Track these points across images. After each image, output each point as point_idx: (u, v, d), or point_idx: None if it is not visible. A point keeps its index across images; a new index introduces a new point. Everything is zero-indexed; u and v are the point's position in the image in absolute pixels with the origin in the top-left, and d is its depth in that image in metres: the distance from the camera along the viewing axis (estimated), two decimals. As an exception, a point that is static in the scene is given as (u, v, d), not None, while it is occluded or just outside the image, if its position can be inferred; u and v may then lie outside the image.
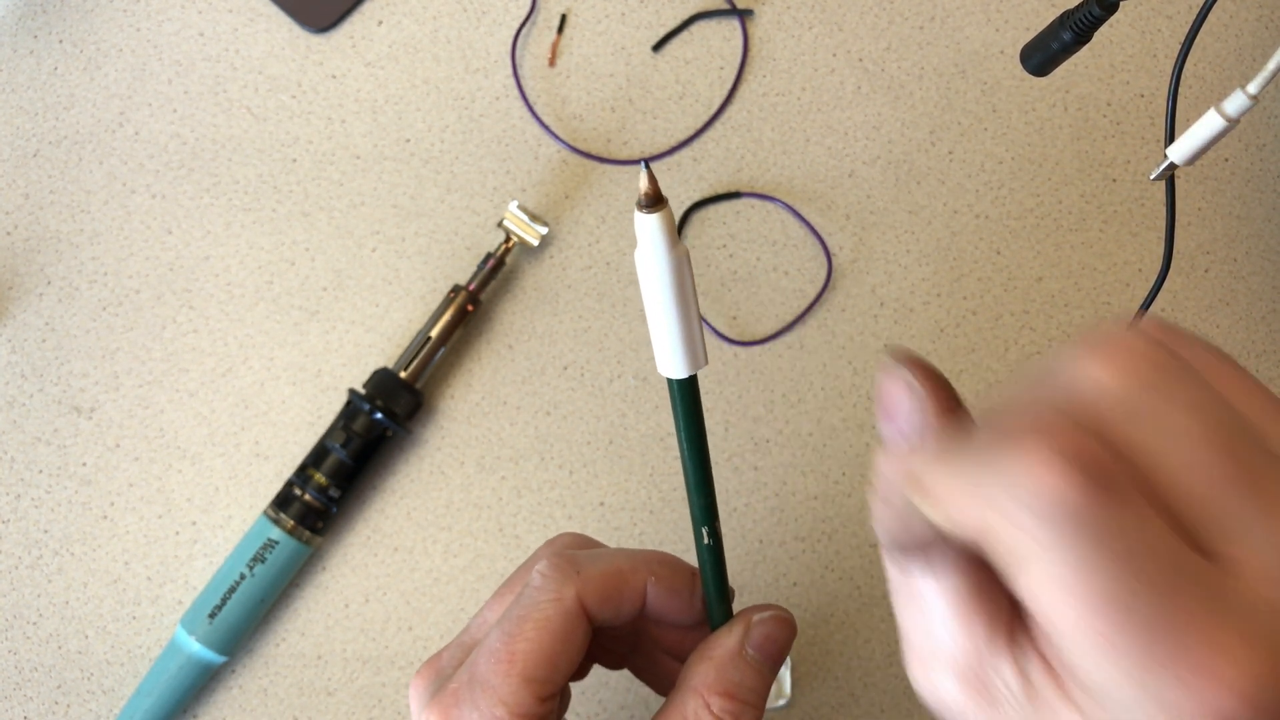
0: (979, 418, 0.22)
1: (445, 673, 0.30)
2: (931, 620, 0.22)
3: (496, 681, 0.28)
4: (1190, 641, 0.17)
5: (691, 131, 0.51)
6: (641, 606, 0.31)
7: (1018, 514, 0.18)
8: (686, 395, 0.27)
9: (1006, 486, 0.18)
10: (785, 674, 0.46)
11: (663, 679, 0.34)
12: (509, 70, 0.51)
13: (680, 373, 0.27)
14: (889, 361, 0.23)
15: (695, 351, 0.26)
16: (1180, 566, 0.18)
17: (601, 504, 0.47)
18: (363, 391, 0.45)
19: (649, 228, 0.25)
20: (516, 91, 0.51)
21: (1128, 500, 0.18)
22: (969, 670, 0.21)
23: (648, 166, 0.24)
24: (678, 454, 0.29)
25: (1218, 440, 0.19)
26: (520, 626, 0.28)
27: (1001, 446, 0.18)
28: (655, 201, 0.24)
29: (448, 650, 0.31)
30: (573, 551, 0.31)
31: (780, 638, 0.30)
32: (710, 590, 0.31)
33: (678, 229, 0.49)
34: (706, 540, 0.30)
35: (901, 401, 0.22)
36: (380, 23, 0.51)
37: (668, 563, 0.31)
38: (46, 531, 0.46)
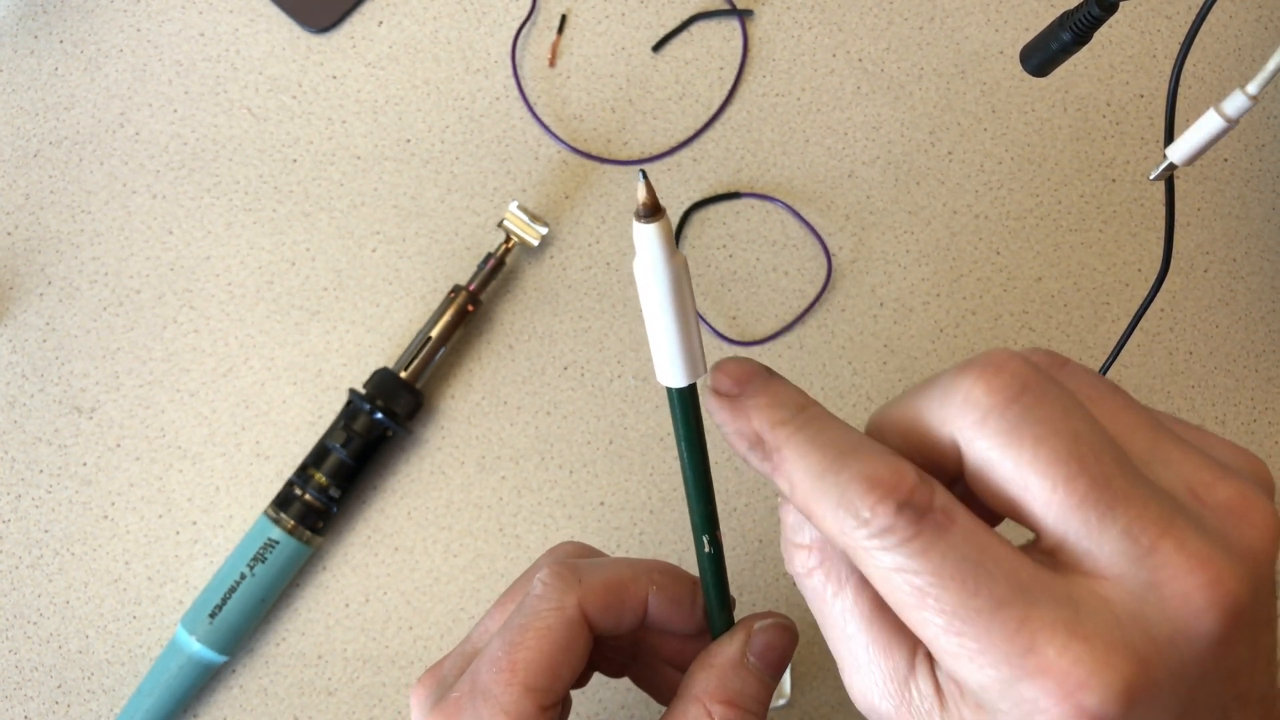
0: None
1: (447, 681, 0.30)
2: (855, 647, 0.24)
3: (498, 690, 0.28)
4: (1042, 646, 0.19)
5: (691, 132, 0.51)
6: (643, 616, 0.31)
7: (855, 537, 0.21)
8: (686, 404, 0.27)
9: (842, 507, 0.21)
10: (785, 674, 0.46)
11: (663, 688, 0.34)
12: (509, 71, 0.51)
13: (679, 381, 0.27)
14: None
15: (694, 360, 0.26)
16: (1023, 578, 0.20)
17: (601, 504, 0.47)
18: (363, 391, 0.45)
19: (647, 238, 0.24)
20: (517, 92, 0.51)
21: (949, 523, 0.20)
22: (896, 689, 0.23)
23: (645, 176, 0.24)
24: (677, 455, 0.29)
25: (1073, 456, 0.20)
26: (522, 635, 0.28)
27: (843, 467, 0.21)
28: (653, 211, 0.24)
29: (449, 659, 0.31)
30: (575, 561, 0.31)
31: (781, 645, 0.30)
32: (711, 598, 0.31)
33: (677, 230, 0.49)
34: (707, 549, 0.29)
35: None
36: (380, 23, 0.51)
37: (669, 572, 0.31)
38: (47, 531, 0.46)
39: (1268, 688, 0.22)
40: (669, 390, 0.27)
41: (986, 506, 0.22)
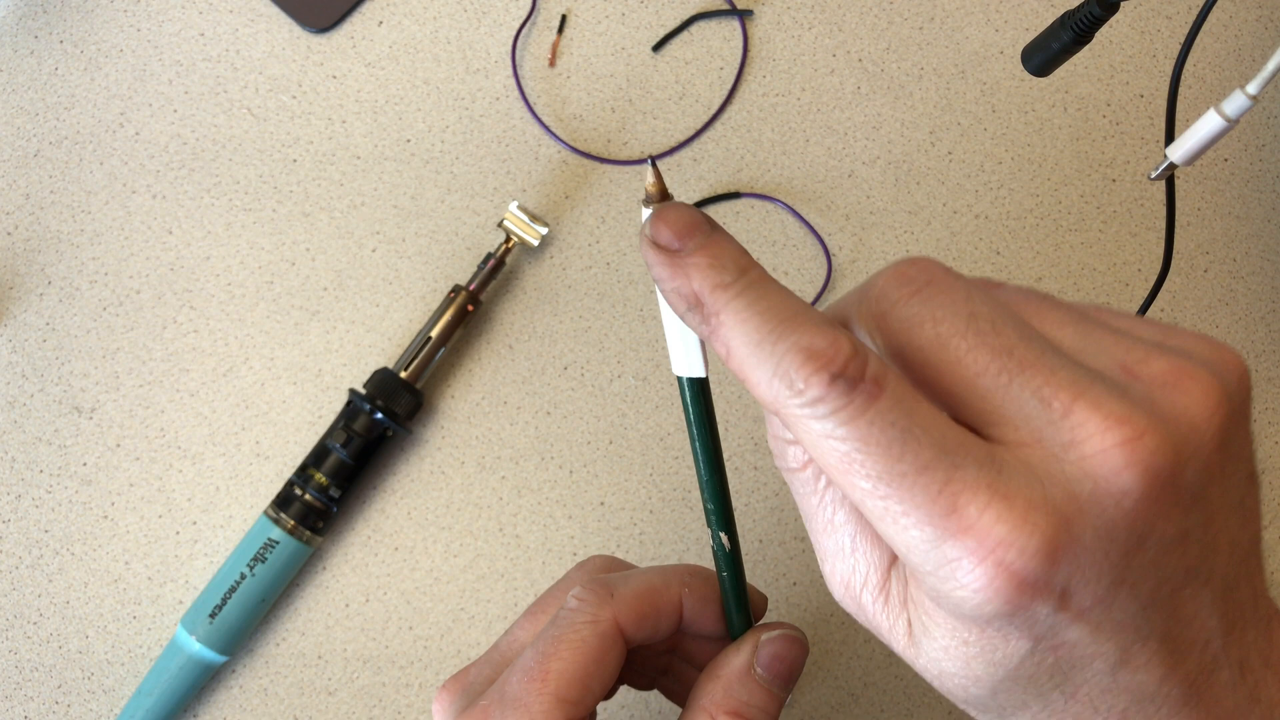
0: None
1: (473, 689, 0.30)
2: (843, 536, 0.25)
3: (529, 700, 0.28)
4: (964, 506, 0.20)
5: (691, 132, 0.51)
6: (679, 621, 0.31)
7: (788, 405, 0.21)
8: (699, 395, 0.27)
9: (778, 377, 0.21)
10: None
11: None
12: (509, 71, 0.51)
13: (694, 371, 0.26)
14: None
15: (708, 349, 0.26)
16: (948, 443, 0.20)
17: (601, 504, 0.47)
18: (363, 391, 0.45)
19: None
20: (517, 92, 0.51)
21: (879, 392, 0.21)
22: (879, 577, 0.24)
23: (654, 163, 0.24)
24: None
25: (981, 332, 0.21)
26: (555, 647, 0.28)
27: (781, 336, 0.21)
28: (663, 198, 0.24)
29: (475, 666, 0.31)
30: (607, 575, 0.31)
31: (789, 657, 0.30)
32: (729, 599, 0.31)
33: (678, 229, 0.49)
34: (727, 546, 0.29)
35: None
36: (381, 23, 0.51)
37: (699, 574, 0.31)
38: (47, 531, 0.46)
39: (1234, 573, 0.22)
40: (681, 382, 0.27)
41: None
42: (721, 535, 0.29)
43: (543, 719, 0.27)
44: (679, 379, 0.27)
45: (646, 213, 0.24)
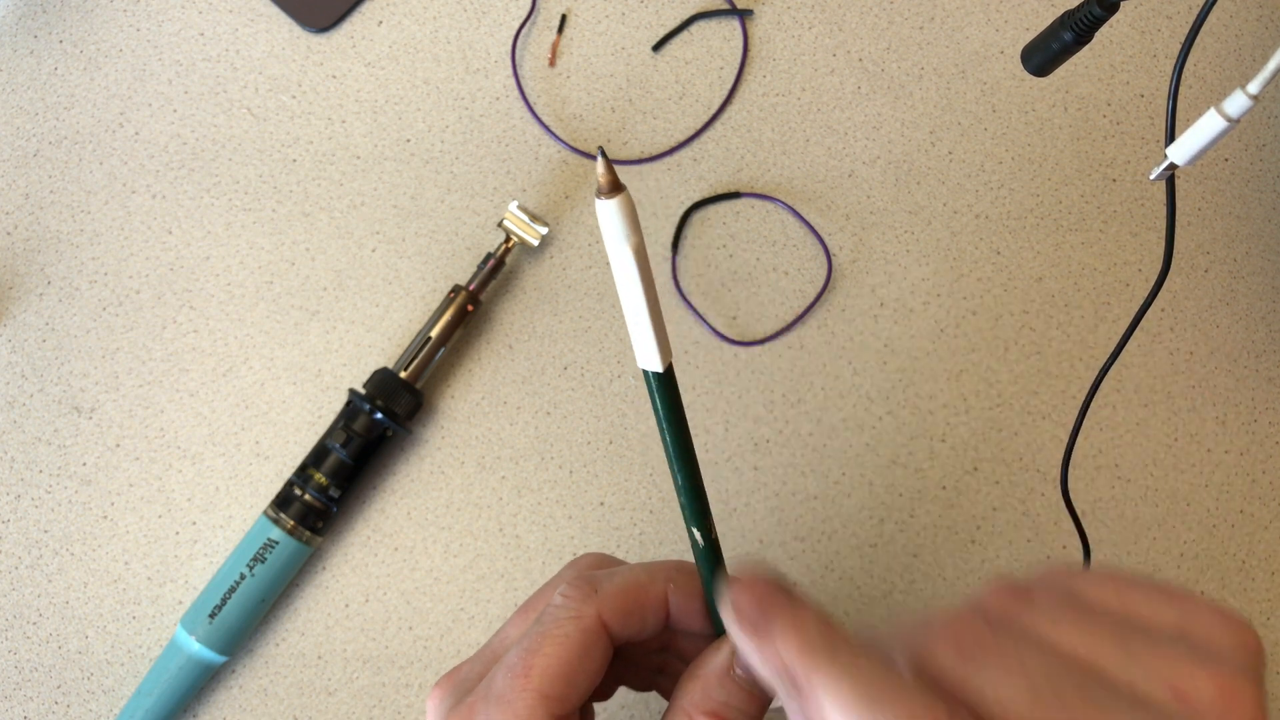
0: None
1: (463, 686, 0.30)
2: None
3: (512, 696, 0.28)
4: None
5: (691, 131, 0.51)
6: (665, 617, 0.30)
7: None
8: (665, 388, 0.27)
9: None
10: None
11: None
12: (509, 70, 0.51)
13: (659, 364, 0.26)
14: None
15: (665, 342, 0.26)
16: None
17: (601, 504, 0.47)
18: (363, 391, 0.45)
19: (610, 214, 0.24)
20: (517, 92, 0.51)
21: None
22: None
23: (603, 154, 0.24)
24: (684, 518, 0.29)
25: (1046, 703, 0.23)
26: (539, 643, 0.28)
27: (880, 710, 0.23)
28: (614, 189, 0.24)
29: (467, 664, 0.31)
30: (593, 572, 0.31)
31: None
32: (710, 596, 0.30)
33: (677, 230, 0.49)
34: (700, 542, 0.29)
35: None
36: (380, 23, 0.51)
37: (686, 569, 0.31)
38: (47, 531, 0.46)
39: None
40: (647, 375, 0.27)
41: None
42: (695, 531, 0.29)
43: (526, 714, 0.27)
44: (645, 373, 0.27)
45: (602, 205, 0.24)
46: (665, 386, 0.27)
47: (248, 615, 0.44)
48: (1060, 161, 0.52)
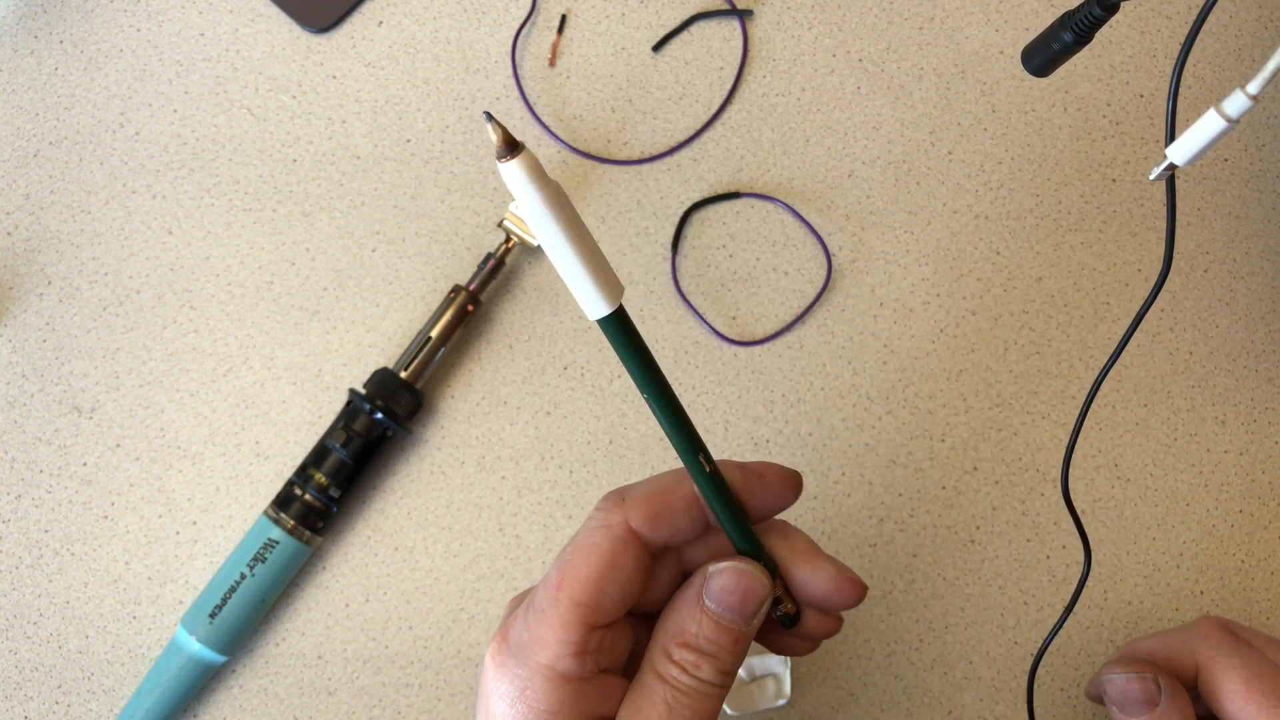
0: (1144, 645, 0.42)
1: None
2: None
3: (547, 607, 0.28)
4: None
5: (691, 131, 0.51)
6: (700, 518, 0.30)
7: (1205, 653, 0.40)
8: (620, 329, 0.26)
9: (1201, 644, 0.40)
10: (785, 674, 0.46)
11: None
12: (509, 71, 0.51)
13: (605, 309, 0.26)
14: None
15: (612, 284, 0.26)
16: None
17: (602, 504, 0.47)
18: (363, 391, 0.45)
19: (514, 173, 0.24)
20: (517, 92, 0.51)
21: (1256, 652, 0.39)
22: None
23: (491, 117, 0.24)
24: (677, 454, 0.29)
25: (1271, 691, 0.38)
26: (572, 555, 0.29)
27: (1182, 637, 0.41)
28: (511, 148, 0.24)
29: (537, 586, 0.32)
30: (624, 485, 0.31)
31: (740, 588, 0.29)
32: (724, 521, 0.30)
33: (676, 230, 0.49)
34: (706, 468, 0.29)
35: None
36: (381, 23, 0.51)
37: (723, 468, 0.31)
38: (47, 531, 0.46)
39: None
40: (601, 323, 0.26)
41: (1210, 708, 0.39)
42: (700, 459, 0.29)
43: (559, 622, 0.28)
44: (598, 323, 0.26)
45: (502, 166, 0.24)
46: (620, 327, 0.26)
47: (248, 615, 0.44)
48: (1060, 162, 0.52)
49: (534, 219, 0.25)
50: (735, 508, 0.30)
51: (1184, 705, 0.39)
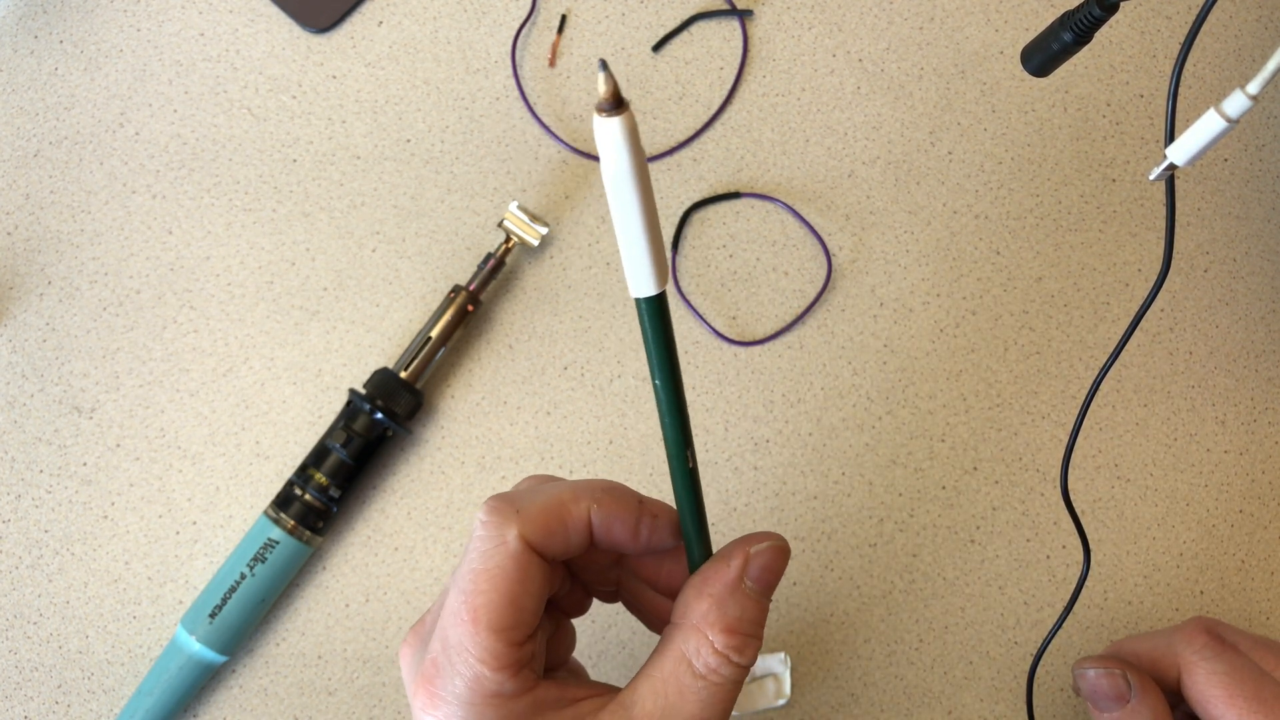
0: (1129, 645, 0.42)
1: (426, 640, 0.30)
2: None
3: (468, 642, 0.27)
4: None
5: (691, 131, 0.51)
6: (589, 536, 0.30)
7: (1188, 658, 0.39)
8: (657, 314, 0.26)
9: (1184, 649, 0.40)
10: (785, 674, 0.46)
11: (649, 614, 0.34)
12: (509, 71, 0.51)
13: (653, 289, 0.25)
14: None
15: (664, 267, 0.25)
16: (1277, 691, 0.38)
17: (602, 504, 0.47)
18: (363, 391, 0.45)
19: (612, 132, 0.23)
20: (517, 92, 0.51)
21: (1242, 658, 0.39)
22: None
23: (605, 66, 0.22)
24: (666, 444, 0.29)
25: (1248, 695, 0.37)
26: (475, 582, 0.28)
27: (1168, 640, 0.41)
28: (616, 104, 0.23)
29: (430, 614, 0.31)
30: (512, 491, 0.30)
31: (778, 567, 0.30)
32: (688, 521, 0.30)
33: (676, 230, 0.49)
34: (690, 464, 0.29)
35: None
36: (381, 23, 0.51)
37: (611, 490, 0.31)
38: (47, 531, 0.46)
39: None
40: (639, 302, 0.26)
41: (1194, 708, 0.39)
42: (686, 454, 0.29)
43: (485, 654, 0.27)
44: (636, 300, 0.26)
45: (599, 120, 0.23)
46: (659, 309, 0.26)
47: (248, 615, 0.44)
48: (1060, 162, 0.52)
49: (617, 182, 0.24)
50: (702, 510, 0.30)
51: (1156, 704, 0.39)
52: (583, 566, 0.33)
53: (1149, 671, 0.40)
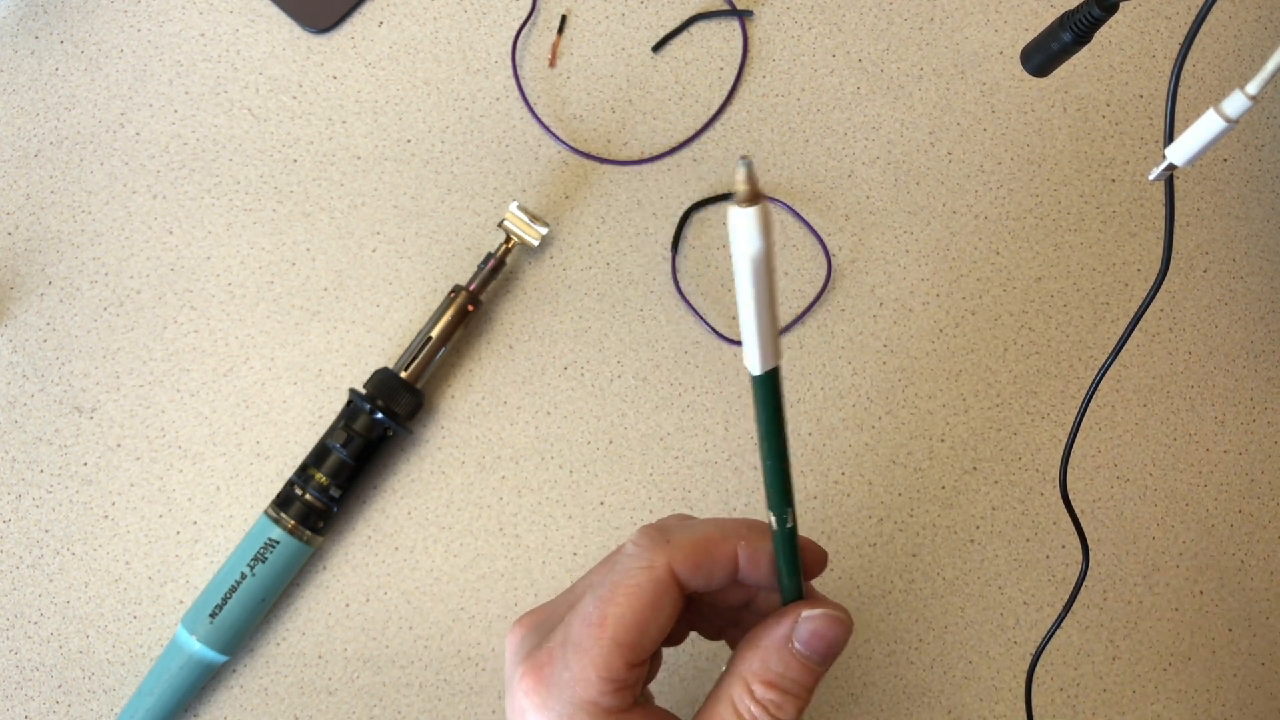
0: None
1: (543, 628, 0.31)
2: None
3: (589, 644, 0.29)
4: None
5: (691, 132, 0.51)
6: (734, 572, 0.31)
7: None
8: (770, 388, 0.28)
9: None
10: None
11: None
12: (509, 71, 0.51)
13: (770, 365, 0.27)
14: None
15: (778, 345, 0.27)
16: None
17: (601, 504, 0.47)
18: (363, 391, 0.46)
19: (748, 223, 0.25)
20: (517, 92, 0.51)
21: None
22: None
23: (749, 164, 0.24)
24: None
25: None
26: (613, 593, 0.29)
27: None
28: (755, 197, 0.25)
29: (547, 606, 0.32)
30: (665, 523, 0.32)
31: (830, 636, 0.31)
32: (782, 571, 0.31)
33: (677, 230, 0.50)
34: (789, 523, 0.30)
35: None
36: (381, 23, 0.51)
37: (758, 529, 0.32)
38: (48, 531, 0.46)
39: None
40: (760, 377, 0.28)
41: None
42: (775, 517, 0.30)
43: (602, 661, 0.29)
44: (754, 377, 0.28)
45: (737, 211, 0.25)
46: (773, 384, 0.28)
47: (248, 615, 0.44)
48: (1059, 162, 0.52)
49: (750, 269, 0.25)
50: (798, 563, 0.31)
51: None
52: (711, 603, 0.34)
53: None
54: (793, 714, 0.30)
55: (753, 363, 0.27)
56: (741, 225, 0.25)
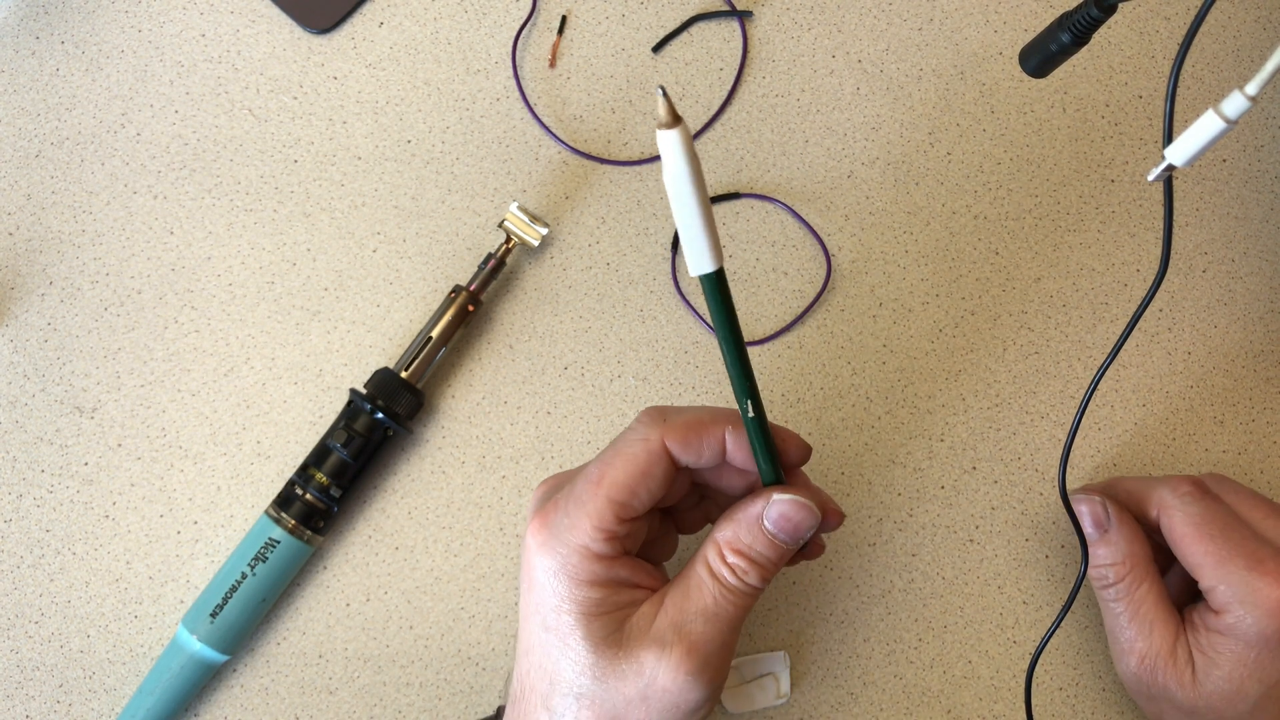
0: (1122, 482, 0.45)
1: (558, 486, 0.37)
2: (1145, 631, 0.42)
3: (586, 499, 0.34)
4: (1262, 564, 0.39)
5: (691, 132, 0.51)
6: (722, 453, 0.36)
7: (1168, 500, 0.42)
8: (717, 288, 0.31)
9: (1166, 493, 0.42)
10: (784, 673, 0.46)
11: None
12: (510, 71, 0.51)
13: (711, 267, 0.31)
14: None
15: (718, 248, 0.31)
16: (1249, 533, 0.41)
17: (602, 503, 0.47)
18: (364, 391, 0.46)
19: (671, 142, 0.28)
20: (517, 93, 0.51)
21: (1220, 505, 0.42)
22: (1169, 652, 0.41)
23: (664, 92, 0.28)
24: (735, 395, 0.34)
25: (1214, 535, 0.41)
26: (613, 458, 0.35)
27: (1156, 483, 0.43)
28: (674, 120, 0.28)
29: (567, 472, 0.38)
30: (665, 406, 0.37)
31: (796, 519, 0.35)
32: (759, 456, 0.35)
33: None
34: (751, 413, 0.34)
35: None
36: (381, 24, 0.51)
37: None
38: (48, 531, 0.46)
39: None
40: (704, 278, 0.31)
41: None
42: (748, 403, 0.34)
43: (595, 513, 0.34)
44: (700, 278, 0.31)
45: (661, 133, 0.28)
46: (719, 282, 0.31)
47: (249, 614, 0.44)
48: (1059, 162, 0.52)
49: (677, 180, 0.29)
50: (771, 448, 0.35)
51: (1132, 533, 0.43)
52: (720, 490, 0.39)
53: (1134, 509, 0.43)
54: (756, 580, 0.35)
55: (695, 266, 0.31)
56: (667, 144, 0.28)
